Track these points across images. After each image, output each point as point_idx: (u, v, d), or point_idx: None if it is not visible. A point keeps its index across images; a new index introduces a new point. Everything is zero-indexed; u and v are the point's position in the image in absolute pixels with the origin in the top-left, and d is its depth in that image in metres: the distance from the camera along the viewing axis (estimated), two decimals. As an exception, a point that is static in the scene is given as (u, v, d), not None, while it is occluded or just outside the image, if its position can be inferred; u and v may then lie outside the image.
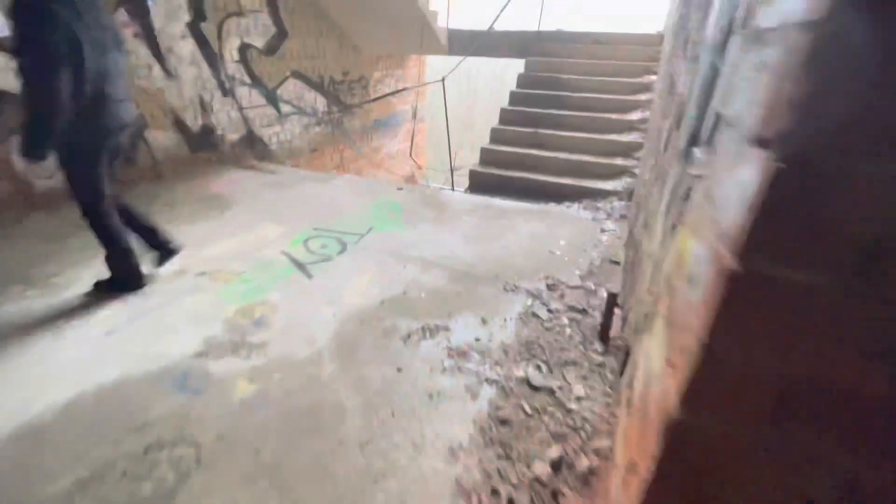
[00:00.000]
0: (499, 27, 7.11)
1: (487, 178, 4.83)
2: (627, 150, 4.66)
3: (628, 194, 4.19)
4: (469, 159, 9.26)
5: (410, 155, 6.87)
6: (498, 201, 4.28)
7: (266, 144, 6.07)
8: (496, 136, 5.26)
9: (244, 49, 5.41)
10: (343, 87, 7.44)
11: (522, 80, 5.82)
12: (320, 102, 6.96)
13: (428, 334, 2.26)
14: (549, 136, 5.01)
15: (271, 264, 2.92)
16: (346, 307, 2.47)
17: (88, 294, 2.53)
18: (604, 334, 2.23)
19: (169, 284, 2.65)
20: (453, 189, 9.85)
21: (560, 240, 3.43)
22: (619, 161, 4.56)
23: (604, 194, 4.29)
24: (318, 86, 6.82)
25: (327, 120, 7.24)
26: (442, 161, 12.39)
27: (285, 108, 6.28)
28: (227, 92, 5.30)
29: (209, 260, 2.93)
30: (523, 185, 4.66)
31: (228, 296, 2.55)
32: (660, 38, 5.92)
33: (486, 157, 5.05)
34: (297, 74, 6.36)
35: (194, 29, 4.75)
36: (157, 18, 4.36)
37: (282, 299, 2.53)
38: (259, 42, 5.59)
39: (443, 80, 4.66)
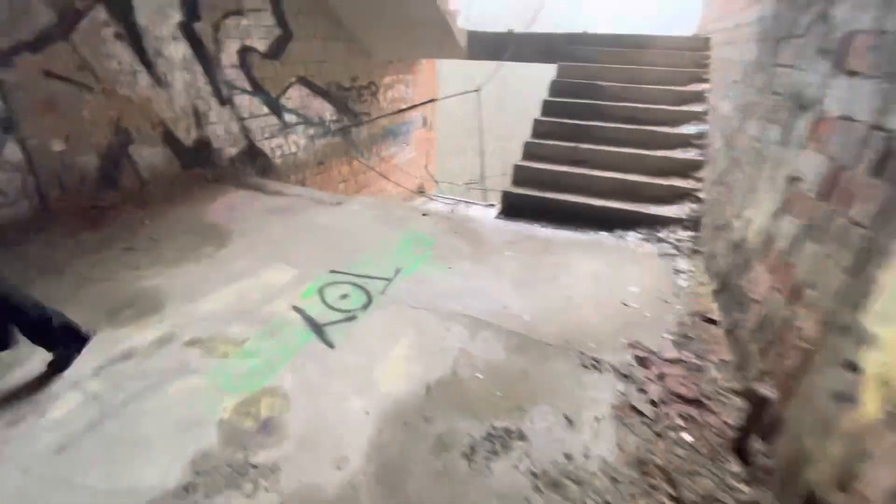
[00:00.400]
0: (507, 28, 6.52)
1: (523, 201, 4.22)
2: (685, 169, 4.06)
3: (695, 223, 3.59)
4: (473, 168, 8.63)
5: (426, 168, 6.29)
6: (540, 230, 3.67)
7: (268, 158, 5.46)
8: (530, 152, 4.66)
9: (244, 52, 4.80)
10: (351, 94, 6.84)
11: (556, 88, 5.22)
12: (327, 111, 6.36)
13: (499, 446, 1.65)
14: (592, 152, 4.41)
15: (281, 326, 2.30)
16: (382, 398, 1.86)
17: (43, 375, 1.92)
18: (742, 449, 1.62)
19: (148, 361, 2.03)
20: (484, 204, 9.25)
21: (630, 284, 2.82)
22: (677, 182, 3.96)
23: (663, 222, 3.69)
24: (324, 93, 6.22)
25: (334, 130, 6.63)
26: (450, 172, 11.79)
27: (289, 118, 5.68)
28: (224, 101, 4.69)
29: (202, 321, 2.31)
30: (564, 208, 4.05)
31: (227, 380, 1.93)
32: (704, 41, 5.34)
33: (520, 175, 4.44)
34: (303, 80, 5.75)
35: (187, 29, 4.14)
36: (143, 17, 3.75)
37: (297, 385, 1.92)
38: (261, 45, 4.98)
39: (478, 90, 4.06)
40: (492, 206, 9.70)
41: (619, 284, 2.83)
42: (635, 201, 3.97)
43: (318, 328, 2.29)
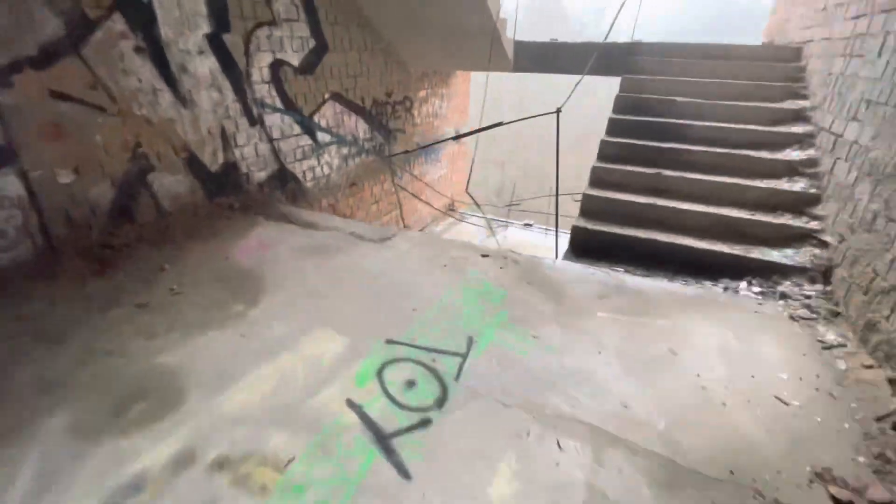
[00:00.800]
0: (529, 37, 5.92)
1: (597, 238, 3.60)
2: (797, 204, 3.39)
3: (824, 275, 2.92)
4: (494, 180, 8.03)
5: (466, 190, 5.72)
6: (630, 279, 3.04)
7: (299, 182, 4.96)
8: (599, 178, 4.04)
9: (277, 67, 4.31)
10: (386, 110, 6.34)
11: (622, 104, 4.60)
12: (361, 128, 5.86)
13: None
14: (677, 180, 3.77)
15: (335, 435, 1.72)
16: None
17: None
18: None
19: (163, 499, 1.47)
20: (521, 224, 8.62)
21: (773, 366, 2.18)
22: (788, 220, 3.30)
23: (780, 271, 3.03)
24: (359, 109, 5.71)
25: (368, 148, 6.12)
26: (478, 189, 11.19)
27: (322, 138, 5.17)
28: (254, 120, 4.20)
29: (232, 425, 1.75)
30: (649, 249, 3.42)
31: (267, 540, 1.35)
32: (794, 51, 4.67)
33: (591, 206, 3.82)
34: (337, 97, 5.26)
35: (215, 42, 3.66)
36: (167, 28, 3.27)
37: (367, 552, 1.33)
38: (294, 58, 4.49)
39: (558, 110, 3.48)
40: (529, 225, 9.08)
41: (759, 365, 2.19)
42: (738, 242, 3.31)
43: (383, 441, 1.70)
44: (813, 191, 3.38)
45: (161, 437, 1.68)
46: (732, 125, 4.08)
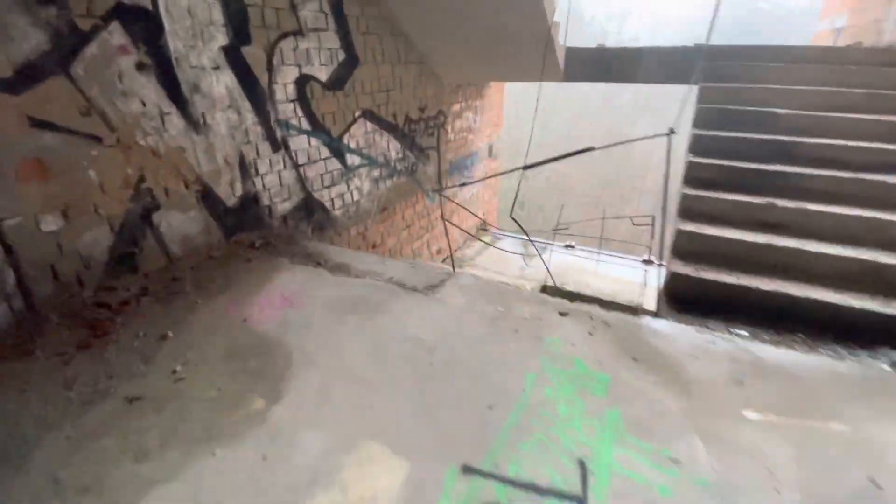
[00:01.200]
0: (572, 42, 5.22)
1: (702, 288, 2.88)
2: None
3: None
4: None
5: (511, 216, 5.04)
6: (767, 354, 2.31)
7: (327, 211, 4.37)
8: (691, 209, 3.32)
9: (303, 82, 3.75)
10: (419, 127, 5.75)
11: (706, 117, 3.89)
12: (393, 148, 5.27)
13: None
14: (795, 213, 3.03)
15: None
16: None
17: None
18: None
19: None
20: (562, 245, 7.84)
21: None
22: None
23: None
24: (391, 127, 5.13)
25: (400, 169, 5.53)
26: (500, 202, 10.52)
27: (352, 160, 4.60)
28: (278, 145, 3.63)
29: None
30: (771, 303, 2.69)
31: None
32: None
33: (686, 244, 3.10)
34: (369, 114, 4.68)
35: (233, 56, 3.11)
36: (176, 40, 2.72)
37: None
38: (322, 73, 3.93)
39: (671, 132, 2.81)
40: (571, 247, 8.34)
41: None
42: (892, 296, 2.55)
43: None
44: None
45: None
46: (854, 143, 3.33)
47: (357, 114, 4.50)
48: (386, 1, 4.44)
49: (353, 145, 4.55)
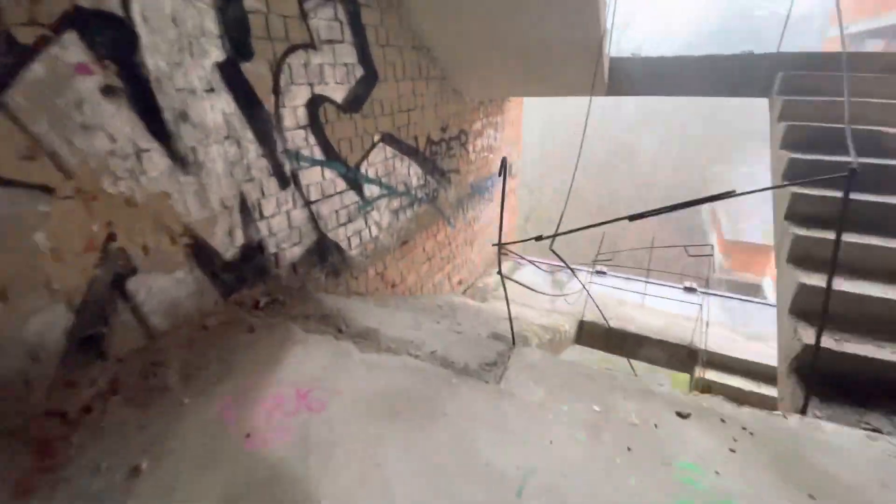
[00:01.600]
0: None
1: (845, 365, 2.20)
2: None
3: None
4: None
5: (551, 248, 4.40)
6: None
7: (342, 252, 3.72)
8: (808, 255, 2.65)
9: (316, 105, 3.13)
10: (441, 148, 5.13)
11: (797, 137, 3.25)
12: (414, 173, 4.64)
13: None
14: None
15: None
16: None
17: None
18: None
19: None
20: (589, 272, 7.06)
21: None
22: None
23: None
24: (412, 151, 4.51)
25: (421, 196, 4.89)
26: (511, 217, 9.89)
27: (371, 191, 3.96)
28: (287, 180, 2.99)
29: None
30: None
31: None
32: None
33: (811, 302, 2.43)
34: (388, 138, 4.06)
35: (231, 74, 2.48)
36: (157, 55, 2.09)
37: None
38: (338, 93, 3.31)
39: (852, 171, 2.16)
40: (602, 273, 7.66)
41: None
42: None
43: None
44: None
45: None
46: None
47: (376, 138, 3.88)
48: (408, 9, 3.85)
49: (371, 174, 3.91)
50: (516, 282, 6.58)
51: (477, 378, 2.15)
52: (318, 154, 3.24)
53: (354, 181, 3.71)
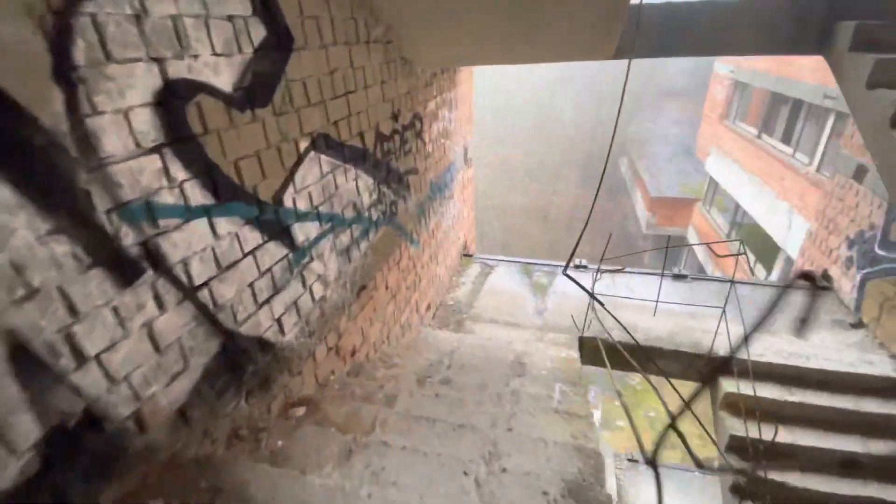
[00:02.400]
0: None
1: None
2: None
3: None
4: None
5: (565, 272, 3.17)
6: None
7: (270, 347, 2.21)
8: None
9: (176, 101, 1.54)
10: (394, 145, 3.65)
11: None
12: (364, 186, 3.15)
13: None
14: None
15: None
16: None
17: None
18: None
19: None
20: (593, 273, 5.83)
21: None
22: None
23: None
24: (358, 154, 3.01)
25: (377, 217, 3.43)
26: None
27: (306, 232, 2.44)
28: (128, 267, 1.42)
29: None
30: None
31: None
32: None
33: None
34: (323, 143, 2.53)
35: None
36: None
37: None
38: (222, 74, 1.73)
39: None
40: (583, 267, 6.66)
41: None
42: None
43: None
44: None
45: None
46: None
47: (304, 145, 2.33)
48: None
49: (302, 206, 2.38)
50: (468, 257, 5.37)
51: None
52: (196, 196, 1.67)
53: (275, 225, 2.17)
